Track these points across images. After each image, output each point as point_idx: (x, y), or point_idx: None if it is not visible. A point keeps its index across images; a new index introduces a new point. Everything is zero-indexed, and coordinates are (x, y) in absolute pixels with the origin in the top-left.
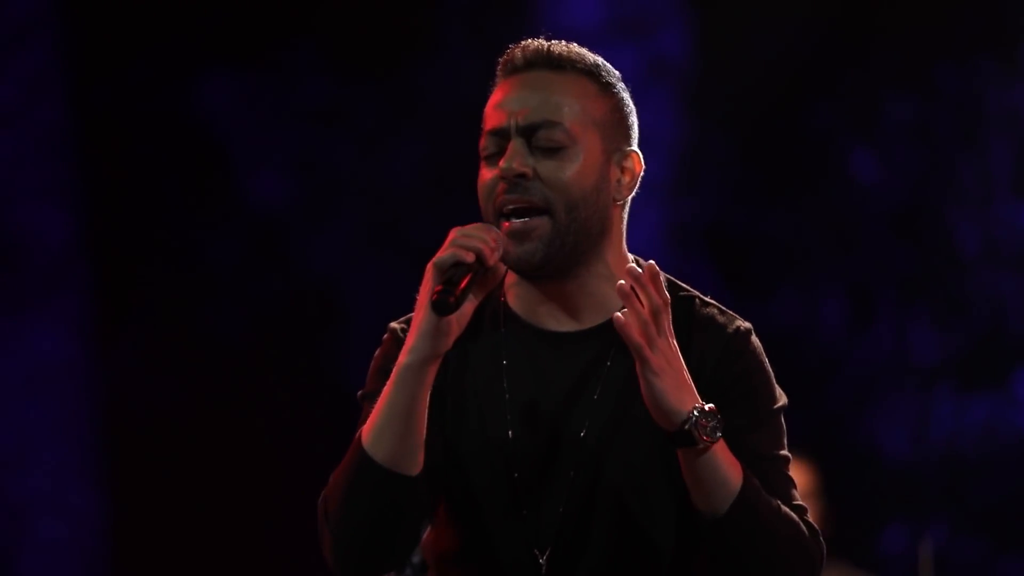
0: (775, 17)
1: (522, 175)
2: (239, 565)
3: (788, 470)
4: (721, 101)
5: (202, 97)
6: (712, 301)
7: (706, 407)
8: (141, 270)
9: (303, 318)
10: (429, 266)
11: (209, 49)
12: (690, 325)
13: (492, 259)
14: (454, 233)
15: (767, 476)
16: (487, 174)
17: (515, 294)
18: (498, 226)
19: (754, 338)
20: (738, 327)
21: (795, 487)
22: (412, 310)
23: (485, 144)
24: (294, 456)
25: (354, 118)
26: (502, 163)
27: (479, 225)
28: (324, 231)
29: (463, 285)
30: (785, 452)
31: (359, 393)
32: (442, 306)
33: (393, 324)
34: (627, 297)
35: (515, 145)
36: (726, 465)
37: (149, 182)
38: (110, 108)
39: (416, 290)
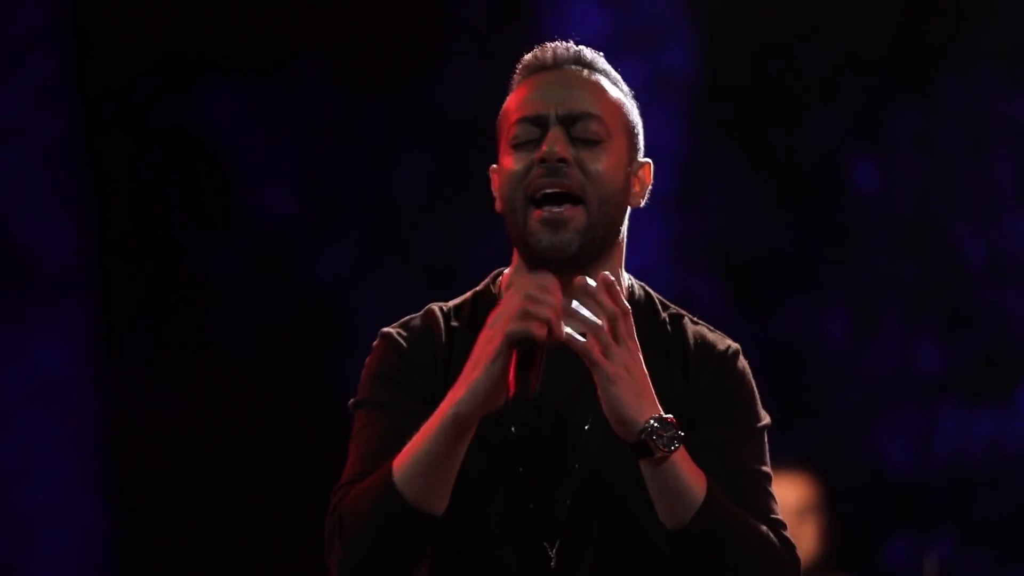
0: (779, 30)
1: (563, 160)
2: None
3: (770, 487)
4: (726, 114)
5: (207, 110)
6: (700, 320)
7: (665, 417)
8: (145, 283)
9: (308, 331)
10: (495, 330)
11: (214, 62)
12: (683, 342)
13: (558, 328)
14: (519, 295)
15: (746, 490)
16: (518, 162)
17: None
18: (526, 215)
19: (742, 358)
20: (728, 346)
21: (775, 502)
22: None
23: (516, 132)
24: (298, 468)
25: (359, 131)
26: (544, 147)
27: (543, 283)
28: (329, 244)
29: (536, 367)
30: (767, 469)
31: (351, 401)
32: (520, 402)
33: (386, 329)
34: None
35: (555, 132)
36: (687, 475)
37: (154, 195)
38: (115, 121)
39: (419, 302)
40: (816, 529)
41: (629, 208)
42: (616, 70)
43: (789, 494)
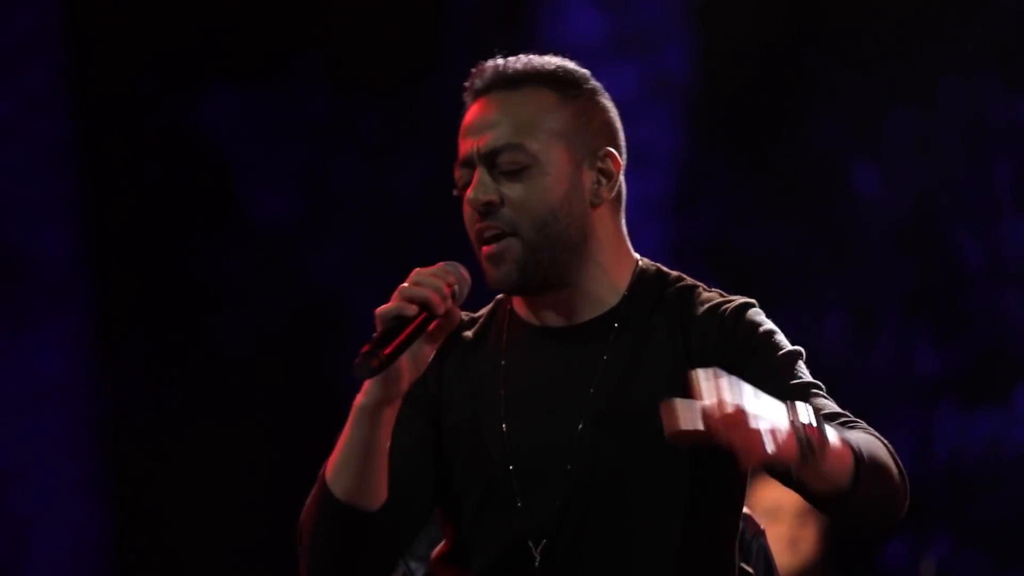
0: (777, 33)
1: (488, 203)
2: None
3: (829, 397)
4: (723, 117)
5: (205, 112)
6: (715, 290)
7: (801, 414)
8: (144, 286)
9: (306, 334)
10: (375, 315)
11: (213, 64)
12: (688, 309)
13: (442, 307)
14: (411, 276)
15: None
16: (465, 207)
17: (520, 300)
18: (479, 252)
19: (753, 309)
20: (739, 303)
21: (838, 407)
22: None
23: (458, 175)
24: (297, 471)
25: (358, 134)
26: (468, 194)
27: (438, 268)
28: (328, 246)
29: (396, 343)
30: (819, 384)
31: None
32: (363, 370)
33: None
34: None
35: (480, 174)
36: (836, 445)
37: (152, 197)
38: (113, 124)
39: None
40: (816, 530)
41: (600, 202)
42: (612, 73)
43: (789, 495)
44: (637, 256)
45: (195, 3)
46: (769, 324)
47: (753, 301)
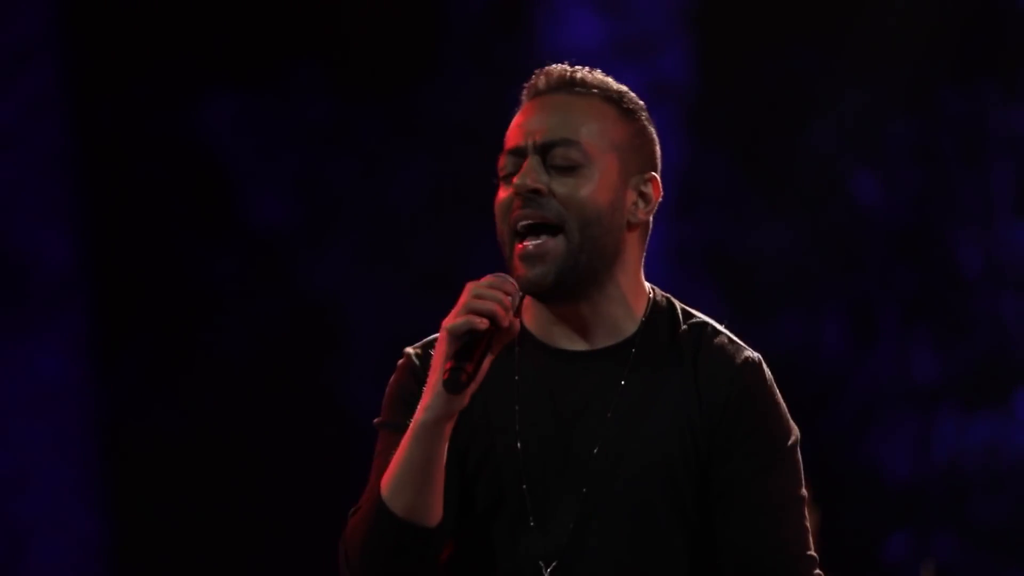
0: (777, 38)
1: (536, 191)
2: None
3: (805, 512)
4: (722, 122)
5: (204, 117)
6: (724, 330)
7: None
8: (143, 291)
9: (305, 338)
10: (442, 329)
11: (211, 70)
12: (697, 352)
13: (507, 320)
14: (468, 291)
15: (781, 527)
16: (503, 193)
17: (531, 314)
18: (512, 247)
19: (765, 370)
20: (747, 358)
21: (809, 534)
22: (412, 333)
23: (503, 164)
24: (296, 476)
25: (356, 139)
26: (516, 179)
27: (494, 280)
28: (326, 251)
29: (476, 357)
30: (802, 491)
31: (375, 420)
32: (454, 385)
33: (408, 349)
34: None
35: (530, 162)
36: None
37: (151, 203)
38: (112, 129)
39: (416, 310)
40: (815, 524)
41: (636, 223)
42: (613, 77)
43: None
44: (649, 286)
45: (193, 9)
46: (778, 398)
47: (759, 359)
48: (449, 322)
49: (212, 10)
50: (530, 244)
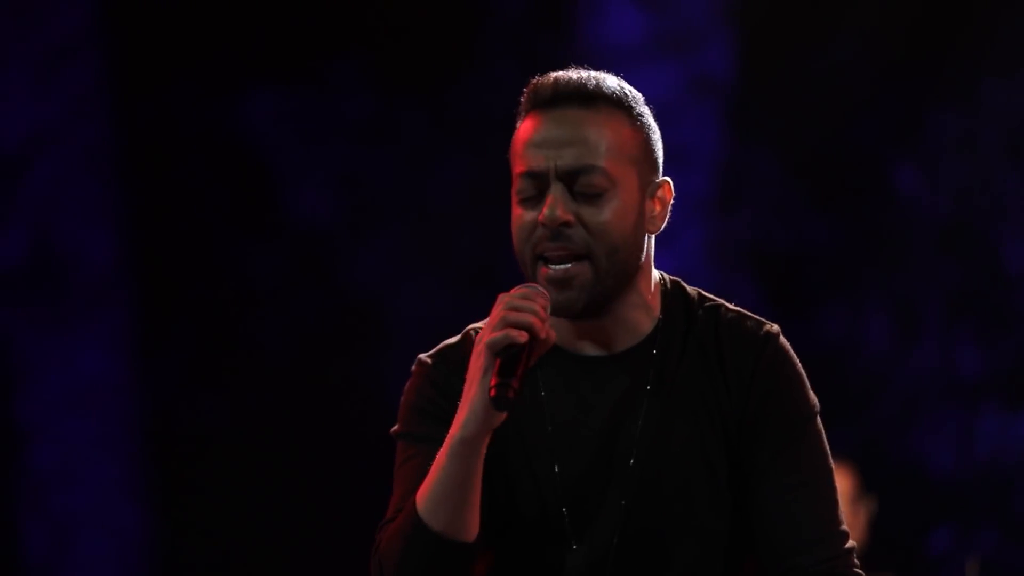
0: (818, 32)
1: (566, 223)
2: None
3: (833, 483)
4: (764, 117)
5: (246, 114)
6: (739, 308)
7: None
8: (185, 287)
9: (347, 334)
10: (479, 342)
11: (253, 66)
12: (718, 332)
13: (544, 332)
14: (501, 305)
15: (812, 501)
16: (525, 216)
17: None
18: (535, 270)
19: (784, 341)
20: (766, 331)
21: (839, 507)
22: (453, 330)
23: (522, 187)
24: (338, 471)
25: (398, 134)
26: (545, 210)
27: (527, 292)
28: (368, 247)
29: (519, 371)
30: (830, 462)
31: (393, 430)
32: (502, 402)
33: (422, 357)
34: None
35: (556, 191)
36: None
37: (193, 199)
38: (154, 126)
39: (457, 307)
40: (850, 522)
41: (655, 231)
42: (653, 73)
43: (840, 482)
44: (657, 273)
45: (234, 5)
46: (799, 367)
47: (778, 330)
48: (488, 337)
49: (253, 6)
50: (558, 269)
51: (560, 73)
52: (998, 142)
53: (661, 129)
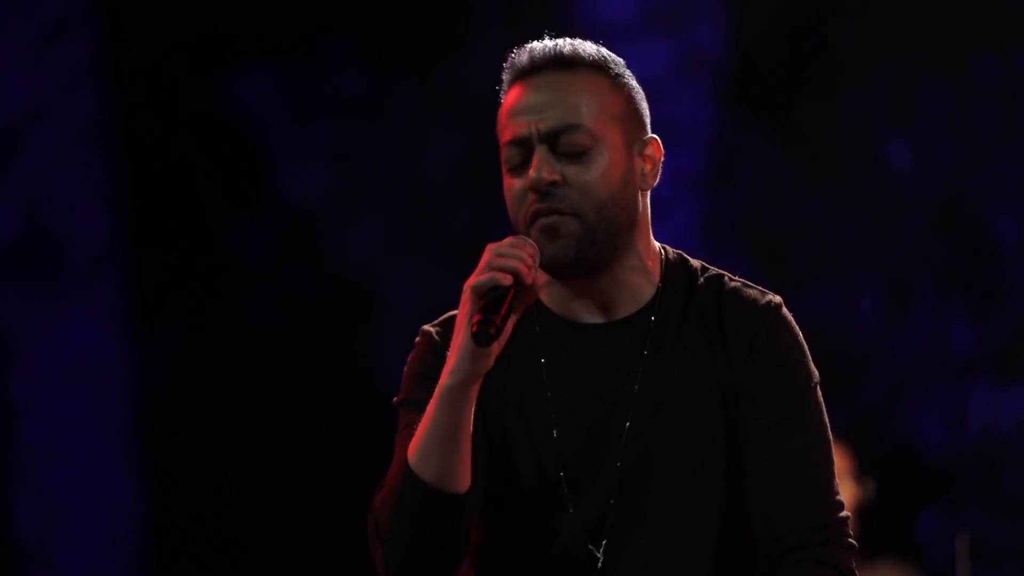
0: (811, 8)
1: (552, 183)
2: (275, 557)
3: (830, 454)
4: (756, 93)
5: (237, 90)
6: (740, 279)
7: None
8: (177, 264)
9: (339, 311)
10: (466, 288)
11: (244, 42)
12: (720, 301)
13: (529, 277)
14: (488, 252)
15: (808, 469)
16: (514, 184)
17: (548, 292)
18: (529, 232)
19: (786, 312)
20: (769, 301)
21: (835, 478)
22: (446, 307)
23: (508, 155)
24: (329, 449)
25: (390, 110)
26: (531, 173)
27: (514, 241)
28: (360, 224)
29: (503, 312)
30: (828, 434)
31: (395, 399)
32: (483, 337)
33: (426, 327)
34: None
35: (540, 153)
36: None
37: (185, 176)
38: (146, 102)
39: (450, 283)
40: (845, 497)
41: (647, 188)
42: (645, 49)
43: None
44: (659, 245)
45: None
46: (800, 338)
47: (780, 301)
48: (472, 280)
49: None
50: (548, 218)
51: (537, 43)
52: (990, 118)
53: (652, 105)
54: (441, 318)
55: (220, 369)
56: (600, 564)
